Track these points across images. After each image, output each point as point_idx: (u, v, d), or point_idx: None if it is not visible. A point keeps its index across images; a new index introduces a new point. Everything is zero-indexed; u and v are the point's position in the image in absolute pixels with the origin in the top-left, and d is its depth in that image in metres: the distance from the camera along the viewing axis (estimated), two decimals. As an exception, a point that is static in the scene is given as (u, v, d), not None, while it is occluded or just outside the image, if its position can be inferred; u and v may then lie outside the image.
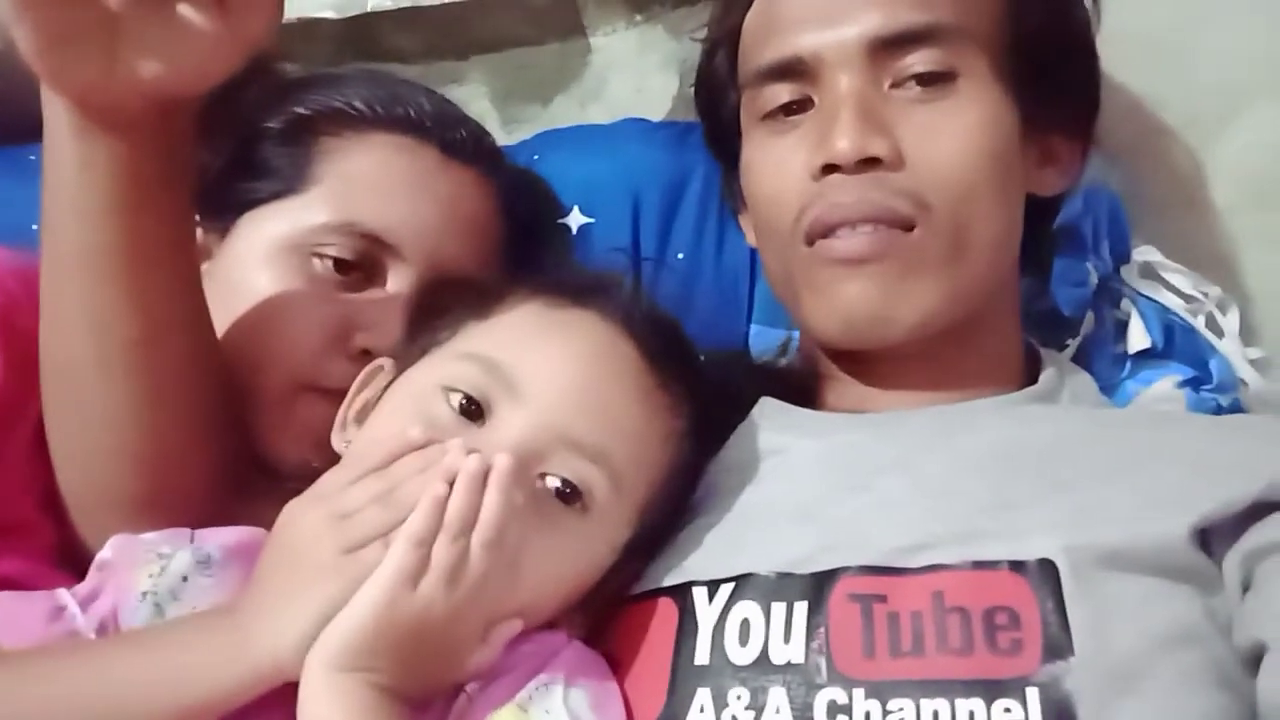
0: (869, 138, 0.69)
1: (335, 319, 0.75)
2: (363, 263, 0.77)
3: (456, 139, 0.83)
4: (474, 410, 0.62)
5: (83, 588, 0.64)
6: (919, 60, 0.71)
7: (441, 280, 0.77)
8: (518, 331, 0.66)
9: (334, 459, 0.70)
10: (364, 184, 0.79)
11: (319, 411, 0.74)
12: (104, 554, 0.65)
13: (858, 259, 0.69)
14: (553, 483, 0.62)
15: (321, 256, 0.76)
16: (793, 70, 0.73)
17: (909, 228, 0.69)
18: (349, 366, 0.74)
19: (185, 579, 0.63)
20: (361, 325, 0.76)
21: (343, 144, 0.80)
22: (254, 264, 0.77)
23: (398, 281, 0.77)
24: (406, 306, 0.76)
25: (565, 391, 0.63)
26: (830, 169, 0.70)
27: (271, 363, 0.75)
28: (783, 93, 0.74)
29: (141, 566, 0.63)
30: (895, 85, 0.71)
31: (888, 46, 0.71)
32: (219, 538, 0.66)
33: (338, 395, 0.73)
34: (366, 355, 0.75)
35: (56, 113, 0.59)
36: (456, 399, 0.62)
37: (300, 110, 0.82)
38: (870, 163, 0.69)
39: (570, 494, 0.62)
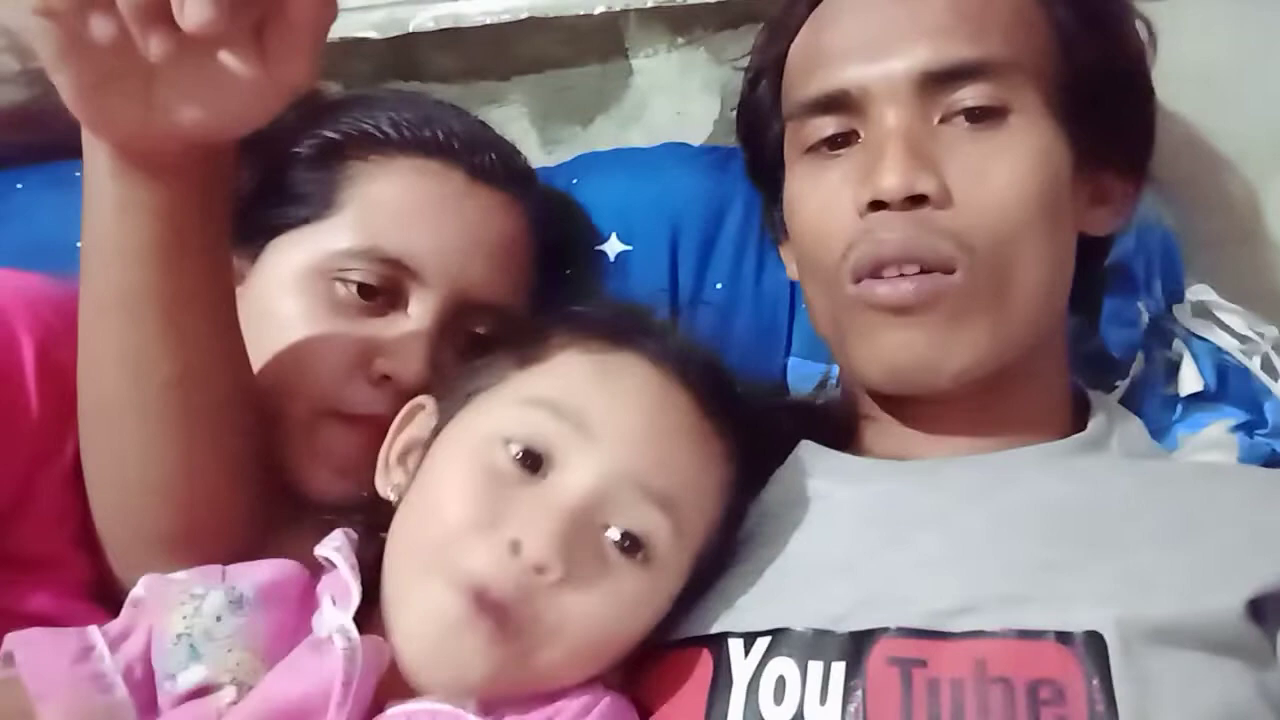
0: (916, 174, 0.67)
1: (356, 344, 0.75)
2: (386, 288, 0.76)
3: (485, 162, 0.82)
4: (533, 462, 0.62)
5: (114, 626, 0.63)
6: (969, 95, 0.69)
7: (482, 313, 0.77)
8: (575, 378, 0.65)
9: (363, 489, 0.71)
10: (387, 209, 0.78)
11: (342, 437, 0.74)
12: (137, 592, 0.65)
13: (904, 308, 0.68)
14: (614, 535, 0.61)
15: (345, 282, 0.76)
16: (839, 103, 0.72)
17: (949, 270, 0.68)
18: (370, 392, 0.74)
19: (219, 619, 0.62)
20: (383, 351, 0.75)
21: (369, 168, 0.80)
22: (280, 290, 0.77)
23: (420, 306, 0.77)
24: (430, 331, 0.75)
25: (635, 437, 0.62)
26: (877, 205, 0.68)
27: (293, 388, 0.75)
28: (828, 125, 0.73)
29: (175, 608, 0.62)
30: (944, 119, 0.69)
31: (937, 81, 0.69)
32: (251, 575, 0.65)
33: (360, 421, 0.74)
34: (387, 380, 0.75)
35: (96, 155, 0.59)
36: (516, 449, 0.62)
37: (329, 134, 0.81)
38: (917, 200, 0.67)
39: (630, 546, 0.62)
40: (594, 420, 0.62)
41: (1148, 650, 0.55)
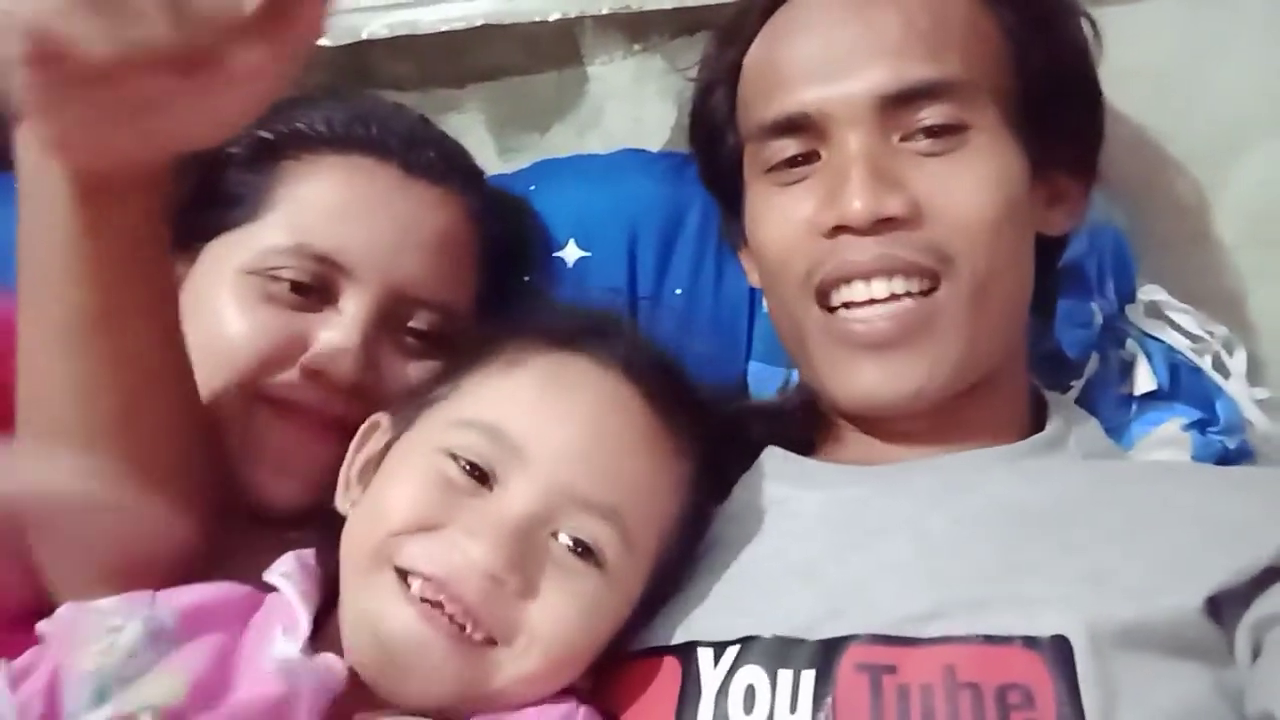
0: (884, 198, 0.67)
1: (287, 337, 0.75)
2: (318, 284, 0.76)
3: (421, 158, 0.81)
4: (480, 475, 0.62)
5: (20, 662, 0.60)
6: (930, 114, 0.69)
7: (420, 309, 0.77)
8: (518, 391, 0.65)
9: (313, 495, 0.71)
10: (317, 206, 0.78)
11: (275, 429, 0.74)
12: (44, 626, 0.62)
13: (881, 343, 0.68)
14: (564, 540, 0.61)
15: (277, 279, 0.76)
16: (798, 125, 0.72)
17: (934, 279, 0.68)
18: (300, 383, 0.74)
19: (134, 655, 0.59)
20: (313, 345, 0.75)
21: (300, 167, 0.80)
22: (216, 289, 0.77)
23: (352, 302, 0.76)
24: (363, 327, 0.75)
25: (572, 451, 0.62)
26: (840, 229, 0.68)
27: (225, 380, 0.74)
28: (788, 147, 0.72)
29: (90, 642, 0.59)
30: (905, 138, 0.69)
31: (897, 102, 0.69)
32: (179, 599, 0.62)
33: (293, 413, 0.74)
34: (318, 375, 0.74)
35: (52, 184, 0.57)
36: (463, 462, 0.62)
37: (263, 134, 0.81)
38: (886, 222, 0.67)
39: (584, 552, 0.62)
40: (530, 442, 0.62)
41: (1112, 652, 0.55)
